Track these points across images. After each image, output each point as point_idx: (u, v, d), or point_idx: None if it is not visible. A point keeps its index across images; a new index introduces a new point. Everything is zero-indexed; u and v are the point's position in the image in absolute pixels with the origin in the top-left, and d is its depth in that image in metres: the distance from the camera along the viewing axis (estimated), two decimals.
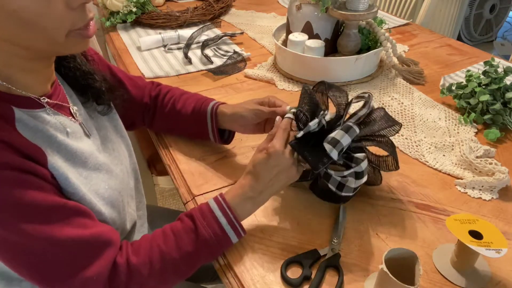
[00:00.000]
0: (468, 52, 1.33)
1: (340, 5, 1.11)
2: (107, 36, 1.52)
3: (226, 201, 0.63)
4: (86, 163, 0.61)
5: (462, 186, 0.78)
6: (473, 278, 0.61)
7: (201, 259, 0.61)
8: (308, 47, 1.13)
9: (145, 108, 0.88)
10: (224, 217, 0.61)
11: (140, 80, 0.89)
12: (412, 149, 0.88)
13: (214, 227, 0.61)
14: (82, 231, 0.54)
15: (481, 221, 0.60)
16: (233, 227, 0.62)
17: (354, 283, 0.61)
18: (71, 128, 0.61)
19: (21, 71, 0.54)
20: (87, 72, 0.69)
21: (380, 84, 1.14)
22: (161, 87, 0.90)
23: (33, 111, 0.56)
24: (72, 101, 0.66)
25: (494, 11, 3.12)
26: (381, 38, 1.13)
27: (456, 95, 1.01)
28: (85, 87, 0.68)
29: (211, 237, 0.60)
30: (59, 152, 0.57)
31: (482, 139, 0.90)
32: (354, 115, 0.68)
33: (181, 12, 1.55)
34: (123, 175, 0.71)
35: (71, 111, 0.64)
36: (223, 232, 0.61)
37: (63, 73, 0.67)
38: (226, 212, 0.62)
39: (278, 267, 0.63)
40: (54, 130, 0.58)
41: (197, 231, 0.60)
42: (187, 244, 0.60)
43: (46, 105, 0.58)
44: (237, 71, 1.22)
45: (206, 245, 0.60)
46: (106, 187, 0.63)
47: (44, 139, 0.55)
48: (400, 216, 0.72)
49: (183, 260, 0.59)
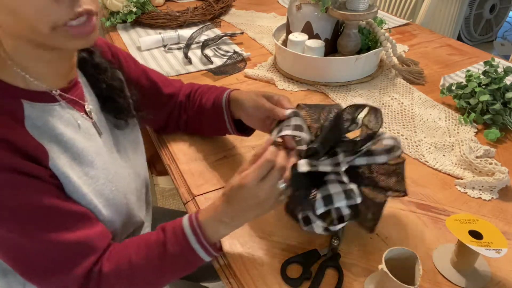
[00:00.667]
0: (468, 52, 1.33)
1: (340, 5, 1.11)
2: (107, 36, 1.52)
3: (199, 220, 0.60)
4: (94, 163, 0.61)
5: (462, 186, 0.78)
6: (473, 278, 0.61)
7: (168, 273, 0.60)
8: (308, 47, 1.13)
9: (180, 108, 0.88)
10: (194, 236, 0.59)
11: (177, 82, 0.90)
12: (412, 149, 0.88)
13: (182, 244, 0.59)
14: (68, 235, 0.55)
15: (481, 221, 0.60)
16: (202, 247, 0.59)
17: (354, 283, 0.61)
18: (84, 125, 0.62)
19: (35, 60, 0.55)
20: (114, 87, 0.70)
21: (380, 84, 1.14)
22: (194, 84, 0.90)
23: (46, 105, 0.57)
24: (89, 101, 0.66)
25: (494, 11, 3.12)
26: (381, 38, 1.13)
27: (456, 95, 1.01)
28: (108, 99, 0.69)
29: (177, 254, 0.59)
30: (66, 151, 0.57)
31: (482, 139, 0.90)
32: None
33: (181, 12, 1.55)
34: (132, 179, 0.72)
35: (86, 109, 0.64)
36: (191, 250, 0.59)
37: (91, 81, 0.68)
38: (196, 232, 0.59)
39: (278, 267, 0.63)
40: (65, 126, 0.58)
41: (165, 246, 0.59)
42: (155, 257, 0.59)
43: (59, 99, 0.59)
44: (237, 71, 1.22)
45: (173, 260, 0.59)
46: (112, 189, 0.63)
47: (52, 137, 0.56)
48: (400, 216, 0.72)
49: (151, 272, 0.59)
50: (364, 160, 0.60)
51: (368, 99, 1.06)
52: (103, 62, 0.69)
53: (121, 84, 0.71)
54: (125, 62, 0.79)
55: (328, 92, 1.09)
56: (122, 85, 0.72)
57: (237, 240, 0.68)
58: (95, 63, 0.68)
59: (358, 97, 1.07)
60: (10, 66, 0.54)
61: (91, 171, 0.60)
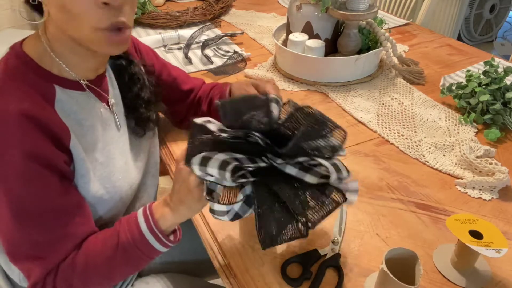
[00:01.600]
0: (468, 52, 1.33)
1: (340, 5, 1.11)
2: None
3: (151, 207, 0.61)
4: (106, 151, 0.66)
5: (462, 186, 0.78)
6: (473, 278, 0.61)
7: (121, 265, 0.61)
8: (308, 47, 1.13)
9: (198, 102, 0.91)
10: (145, 222, 0.59)
11: (198, 80, 0.94)
12: (412, 149, 0.88)
13: (133, 231, 0.59)
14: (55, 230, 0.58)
15: (481, 221, 0.60)
16: (153, 234, 0.59)
17: (354, 283, 0.61)
18: (104, 113, 0.67)
19: (71, 52, 0.61)
20: (141, 98, 0.74)
21: (380, 84, 1.14)
22: (210, 83, 0.93)
23: (74, 92, 0.63)
24: (113, 95, 0.71)
25: (494, 11, 3.12)
26: (381, 38, 1.13)
27: (456, 95, 1.01)
28: (132, 107, 0.74)
29: (129, 242, 0.59)
30: (84, 136, 0.62)
31: (482, 139, 0.90)
32: None
33: (181, 12, 1.55)
34: (140, 174, 0.76)
35: (109, 102, 0.69)
36: (142, 237, 0.59)
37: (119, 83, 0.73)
38: (148, 219, 0.59)
39: (278, 267, 0.63)
40: (88, 113, 0.63)
41: (118, 235, 0.60)
42: (108, 248, 0.60)
43: (86, 89, 0.65)
44: (237, 71, 1.22)
45: (125, 249, 0.59)
46: (119, 177, 0.68)
47: (75, 121, 0.61)
48: (400, 216, 0.72)
49: (103, 263, 0.60)
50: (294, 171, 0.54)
51: (368, 99, 1.06)
52: (139, 74, 0.74)
53: (150, 97, 0.76)
54: (146, 55, 0.83)
55: (328, 92, 1.09)
56: (151, 98, 0.76)
57: (237, 240, 0.68)
58: (131, 73, 0.74)
59: (358, 97, 1.07)
60: (49, 53, 0.60)
61: (101, 158, 0.65)
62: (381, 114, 1.00)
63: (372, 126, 0.96)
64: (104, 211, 0.68)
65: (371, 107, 1.03)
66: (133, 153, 0.75)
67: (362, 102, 1.05)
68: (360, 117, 0.99)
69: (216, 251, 0.67)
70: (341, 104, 1.04)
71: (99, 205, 0.66)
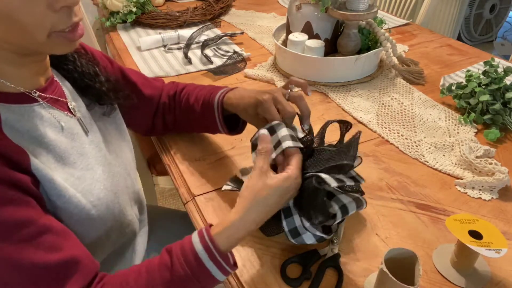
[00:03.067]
0: (468, 52, 1.33)
1: (340, 5, 1.11)
2: (107, 36, 1.52)
3: (210, 233, 0.54)
4: (79, 163, 0.60)
5: (462, 186, 0.78)
6: (473, 278, 0.61)
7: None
8: (308, 47, 1.13)
9: (164, 109, 0.86)
10: (205, 251, 0.53)
11: (158, 81, 0.88)
12: (412, 149, 0.88)
13: (191, 263, 0.52)
14: (47, 255, 0.50)
15: (481, 221, 0.60)
16: (216, 263, 0.53)
17: (354, 283, 0.61)
18: (67, 123, 0.61)
19: (9, 64, 0.54)
20: (87, 73, 0.68)
21: (380, 84, 1.14)
22: (178, 84, 0.88)
23: (24, 106, 0.56)
24: (72, 98, 0.65)
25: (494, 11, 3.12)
26: (381, 38, 1.13)
27: (456, 95, 1.01)
28: (85, 88, 0.68)
29: (186, 276, 0.52)
30: (48, 153, 0.56)
31: (482, 139, 0.90)
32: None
33: (181, 12, 1.55)
34: (122, 178, 0.70)
35: (69, 106, 0.63)
36: (203, 269, 0.52)
37: (63, 74, 0.67)
38: (208, 246, 0.53)
39: (278, 267, 0.63)
40: (46, 126, 0.57)
41: (172, 268, 0.52)
42: (158, 284, 0.52)
43: (39, 99, 0.58)
44: (237, 71, 1.22)
45: (182, 284, 0.52)
46: (101, 187, 0.61)
47: (32, 139, 0.54)
48: (400, 216, 0.72)
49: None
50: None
51: (368, 99, 1.06)
52: (69, 54, 0.68)
53: (94, 69, 0.70)
54: (101, 61, 0.76)
55: (328, 92, 1.09)
56: (95, 70, 0.70)
57: None
58: (62, 55, 0.67)
59: (358, 97, 1.07)
60: None
61: (76, 172, 0.58)
62: (381, 114, 1.00)
63: (372, 126, 0.96)
64: (98, 228, 0.62)
65: (371, 107, 1.03)
66: (110, 157, 0.68)
67: (362, 102, 1.05)
68: (360, 117, 0.99)
69: None
70: (340, 104, 1.04)
71: (90, 223, 0.59)
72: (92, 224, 0.60)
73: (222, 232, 0.54)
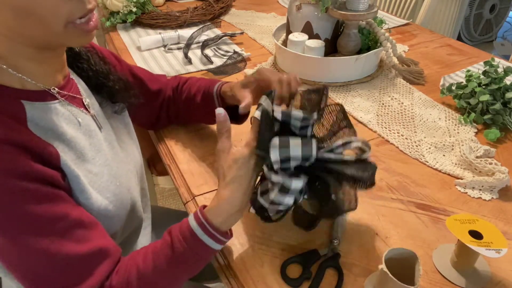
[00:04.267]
0: (468, 52, 1.33)
1: (340, 5, 1.11)
2: (107, 36, 1.52)
3: (203, 211, 0.59)
4: (96, 159, 0.61)
5: (462, 186, 0.78)
6: (473, 278, 0.61)
7: (180, 274, 0.58)
8: (308, 47, 1.13)
9: (168, 101, 0.89)
10: (200, 227, 0.57)
11: (163, 77, 0.91)
12: (412, 149, 0.88)
13: (188, 239, 0.57)
14: (79, 247, 0.53)
15: (481, 221, 0.60)
16: (210, 235, 0.57)
17: (354, 283, 0.61)
18: (84, 120, 0.62)
19: (29, 60, 0.55)
20: (101, 72, 0.70)
21: (380, 84, 1.14)
22: (181, 77, 0.92)
23: (46, 104, 0.57)
24: (86, 95, 0.66)
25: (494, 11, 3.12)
26: (381, 38, 1.13)
27: (456, 95, 1.01)
28: (99, 86, 0.70)
29: (185, 251, 0.57)
30: (70, 150, 0.57)
31: (482, 139, 0.90)
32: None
33: (181, 12, 1.55)
34: (132, 175, 0.72)
35: (84, 102, 0.64)
36: (199, 242, 0.57)
37: (77, 72, 0.68)
38: (202, 223, 0.57)
39: (278, 267, 0.63)
40: (67, 123, 0.58)
41: (173, 245, 0.57)
42: (162, 262, 0.57)
43: (58, 96, 0.59)
44: (237, 71, 1.22)
45: (182, 259, 0.57)
46: (117, 184, 0.64)
47: (56, 136, 0.56)
48: (400, 216, 0.72)
49: (160, 278, 0.56)
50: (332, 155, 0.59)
51: (368, 99, 1.06)
52: (83, 51, 0.69)
53: (106, 68, 0.72)
54: (110, 59, 0.78)
55: (328, 92, 1.09)
56: (108, 68, 0.72)
57: (237, 240, 0.68)
58: (76, 52, 0.68)
59: (358, 97, 1.07)
60: (5, 69, 0.53)
61: (94, 169, 0.60)
62: (381, 114, 1.00)
63: (372, 126, 0.96)
64: (114, 225, 0.64)
65: (371, 107, 1.03)
66: (122, 154, 0.70)
67: (362, 102, 1.05)
68: (360, 117, 0.99)
69: None
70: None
71: (107, 220, 0.62)
72: (109, 221, 0.62)
73: (211, 210, 0.59)
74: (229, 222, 0.60)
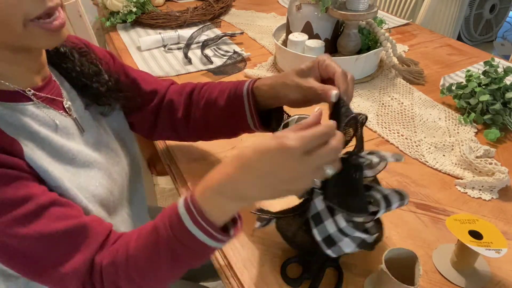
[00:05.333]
0: (468, 52, 1.33)
1: (340, 5, 1.11)
2: (107, 36, 1.52)
3: (194, 195, 0.49)
4: (75, 160, 0.60)
5: (462, 186, 0.78)
6: (473, 278, 0.61)
7: (164, 264, 0.51)
8: (308, 47, 1.13)
9: (171, 107, 0.77)
10: (188, 214, 0.48)
11: (165, 81, 0.82)
12: (412, 149, 0.88)
13: (174, 226, 0.49)
14: (58, 224, 0.52)
15: (481, 221, 0.60)
16: (201, 228, 0.48)
17: (354, 283, 0.61)
18: (62, 122, 0.61)
19: (1, 61, 0.54)
20: (86, 73, 0.68)
21: (380, 84, 1.14)
22: (197, 83, 0.79)
23: (18, 105, 0.56)
24: (69, 97, 0.65)
25: (494, 11, 3.12)
26: (381, 38, 1.13)
27: (456, 95, 1.01)
28: (82, 88, 0.68)
29: (170, 238, 0.49)
30: (42, 149, 0.56)
31: (482, 139, 0.90)
32: None
33: (181, 12, 1.55)
34: (119, 177, 0.70)
35: (64, 106, 0.63)
36: (186, 232, 0.48)
37: (61, 73, 0.67)
38: (190, 210, 0.48)
39: (278, 267, 0.63)
40: (40, 125, 0.57)
41: (157, 230, 0.51)
42: (148, 246, 0.51)
43: (34, 98, 0.58)
44: (237, 71, 1.22)
45: (167, 247, 0.50)
46: (96, 184, 0.62)
47: (26, 135, 0.55)
48: (400, 216, 0.72)
49: (144, 263, 0.51)
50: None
51: (368, 99, 1.06)
52: (68, 50, 0.67)
53: (95, 69, 0.69)
54: (104, 58, 0.75)
55: None
56: (96, 69, 0.69)
57: (237, 240, 0.68)
58: (60, 53, 0.66)
59: (358, 97, 1.07)
60: None
61: (72, 168, 0.59)
62: (381, 114, 1.00)
63: (372, 126, 0.96)
64: None
65: (371, 107, 1.03)
66: (107, 156, 0.68)
67: (362, 102, 1.05)
68: None
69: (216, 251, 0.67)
70: None
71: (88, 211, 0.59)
72: None
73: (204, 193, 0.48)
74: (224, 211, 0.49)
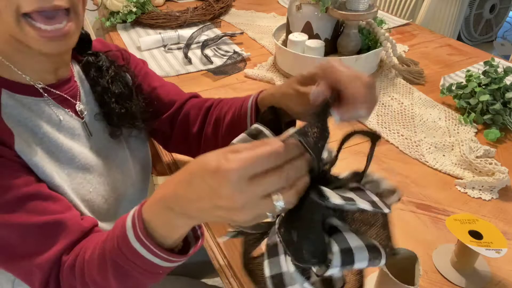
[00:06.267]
0: (468, 52, 1.33)
1: (340, 5, 1.11)
2: (107, 36, 1.52)
3: (141, 208, 0.44)
4: (74, 160, 0.60)
5: (462, 186, 0.78)
6: (473, 278, 0.61)
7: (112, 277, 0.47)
8: (308, 47, 1.13)
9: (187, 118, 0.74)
10: (132, 228, 0.43)
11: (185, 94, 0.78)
12: (412, 149, 0.88)
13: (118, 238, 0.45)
14: (33, 217, 0.51)
15: (481, 221, 0.60)
16: (142, 244, 0.43)
17: (354, 283, 0.60)
18: (69, 122, 0.61)
19: (19, 53, 0.55)
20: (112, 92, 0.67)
21: (380, 84, 1.14)
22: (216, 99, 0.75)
23: (27, 98, 0.57)
24: (85, 100, 0.65)
25: (494, 11, 3.12)
26: (381, 38, 1.13)
27: (456, 95, 1.01)
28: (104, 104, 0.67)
29: (114, 250, 0.45)
30: (39, 144, 0.57)
31: (482, 139, 0.90)
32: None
33: (181, 12, 1.55)
34: (121, 186, 0.69)
35: (77, 108, 0.64)
36: (130, 247, 0.43)
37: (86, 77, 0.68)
38: (135, 224, 0.43)
39: None
40: (44, 121, 0.58)
41: (107, 239, 0.47)
42: (98, 254, 0.48)
43: (45, 94, 0.59)
44: (237, 71, 1.22)
45: (112, 259, 0.46)
46: (90, 190, 0.62)
47: (25, 127, 0.56)
48: (400, 216, 0.72)
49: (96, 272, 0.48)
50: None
51: None
52: (108, 66, 0.68)
53: (123, 91, 0.68)
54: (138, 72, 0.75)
55: None
56: (124, 92, 0.68)
57: (237, 240, 0.68)
58: (98, 66, 0.67)
59: None
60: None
61: (67, 169, 0.59)
62: (381, 114, 1.00)
63: (372, 126, 0.96)
64: None
65: None
66: (113, 163, 0.67)
67: None
68: None
69: (216, 252, 0.67)
70: None
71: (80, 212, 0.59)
72: None
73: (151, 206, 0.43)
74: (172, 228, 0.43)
